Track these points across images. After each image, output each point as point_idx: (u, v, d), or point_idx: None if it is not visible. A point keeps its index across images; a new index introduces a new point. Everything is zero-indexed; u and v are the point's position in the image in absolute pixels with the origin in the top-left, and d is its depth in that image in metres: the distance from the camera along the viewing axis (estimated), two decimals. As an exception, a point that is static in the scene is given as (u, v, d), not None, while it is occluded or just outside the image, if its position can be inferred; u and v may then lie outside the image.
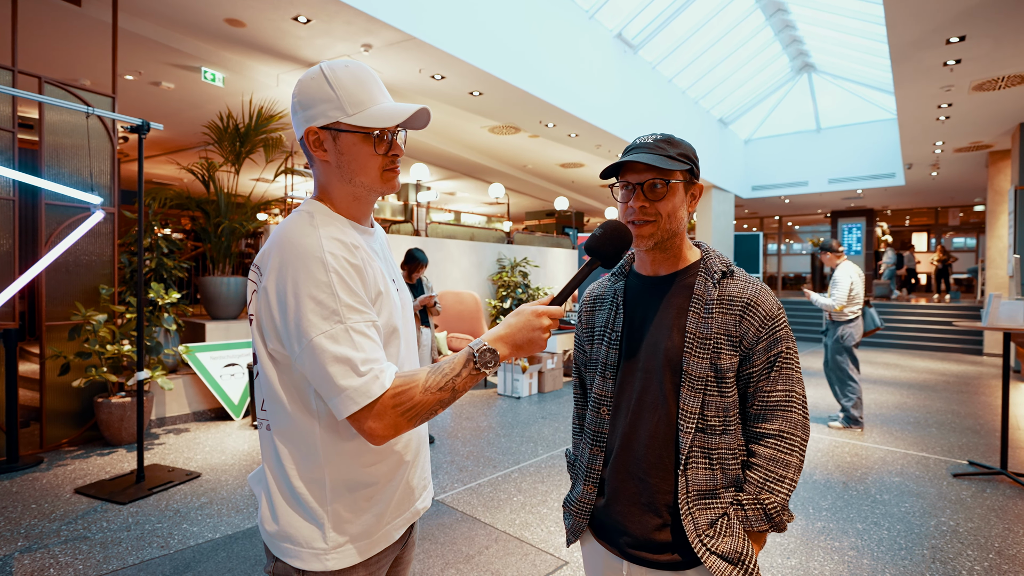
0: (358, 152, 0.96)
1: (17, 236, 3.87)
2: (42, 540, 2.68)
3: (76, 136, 4.16)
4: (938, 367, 8.58)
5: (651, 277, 1.13)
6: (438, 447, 4.25)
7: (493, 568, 2.51)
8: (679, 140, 1.07)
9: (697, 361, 1.02)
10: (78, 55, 5.86)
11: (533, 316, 0.94)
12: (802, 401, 1.03)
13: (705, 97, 11.96)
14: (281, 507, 0.95)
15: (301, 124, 0.97)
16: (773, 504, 0.99)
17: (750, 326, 1.02)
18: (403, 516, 1.05)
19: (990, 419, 5.28)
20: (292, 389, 0.94)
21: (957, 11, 5.08)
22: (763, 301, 1.03)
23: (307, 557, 0.94)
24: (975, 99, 7.36)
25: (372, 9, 4.99)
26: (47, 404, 4.03)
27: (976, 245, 17.79)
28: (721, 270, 1.07)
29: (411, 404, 0.87)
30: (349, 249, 0.92)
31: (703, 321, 1.03)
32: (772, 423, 1.02)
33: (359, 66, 0.97)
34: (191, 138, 8.56)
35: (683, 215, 1.06)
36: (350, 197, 1.00)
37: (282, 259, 0.89)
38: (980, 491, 3.48)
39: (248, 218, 5.72)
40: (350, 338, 0.86)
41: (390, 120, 0.95)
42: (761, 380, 1.02)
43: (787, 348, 1.03)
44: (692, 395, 1.01)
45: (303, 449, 0.94)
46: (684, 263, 1.10)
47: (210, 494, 3.27)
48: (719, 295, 1.04)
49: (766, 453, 1.01)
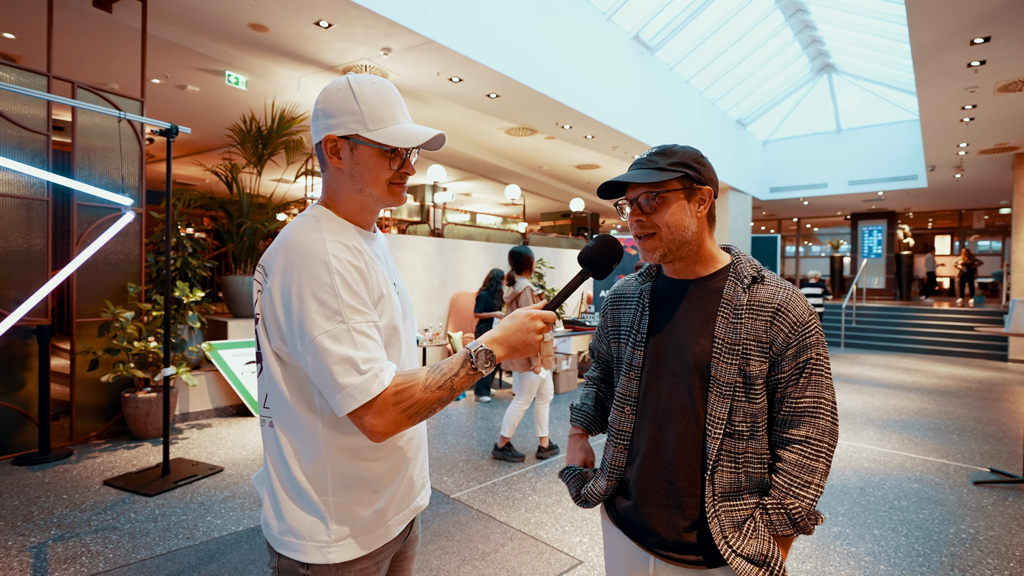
0: (372, 165, 0.99)
1: (51, 236, 4.01)
2: (74, 529, 2.78)
3: (107, 139, 4.29)
4: (961, 373, 8.42)
5: (679, 280, 1.13)
6: (453, 445, 4.30)
7: (508, 566, 2.54)
8: (677, 149, 1.06)
9: (726, 367, 1.01)
10: (108, 60, 6.03)
11: (527, 319, 0.98)
12: (831, 407, 1.02)
13: (723, 98, 11.87)
14: (284, 501, 0.97)
15: (321, 130, 1.00)
16: (797, 509, 0.99)
17: (780, 332, 1.01)
18: (404, 512, 1.07)
19: (1014, 426, 5.18)
20: (296, 386, 0.96)
21: (981, 12, 5.00)
22: (794, 307, 1.02)
23: (310, 550, 0.96)
24: (1000, 100, 7.22)
25: (391, 13, 5.06)
26: (77, 398, 4.16)
27: (1002, 249, 17.37)
28: (751, 275, 1.06)
29: (412, 402, 0.90)
30: (352, 252, 0.95)
31: (732, 327, 1.02)
32: (799, 429, 1.01)
33: (384, 83, 1.01)
34: (215, 140, 8.75)
35: (688, 222, 1.05)
36: (357, 205, 1.03)
37: (287, 260, 0.91)
38: (1002, 499, 3.43)
39: (269, 219, 5.84)
40: (351, 338, 0.88)
41: (409, 142, 0.98)
42: (789, 386, 1.01)
43: (817, 354, 1.01)
44: (720, 401, 1.01)
45: (305, 444, 0.97)
46: (712, 268, 1.10)
47: (233, 488, 3.36)
48: (749, 300, 1.03)
49: (792, 459, 1.01)
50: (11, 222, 3.83)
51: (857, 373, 8.24)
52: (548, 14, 7.04)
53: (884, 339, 11.46)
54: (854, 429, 5.02)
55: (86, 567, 2.43)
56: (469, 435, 4.61)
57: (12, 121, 3.80)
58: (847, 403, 6.04)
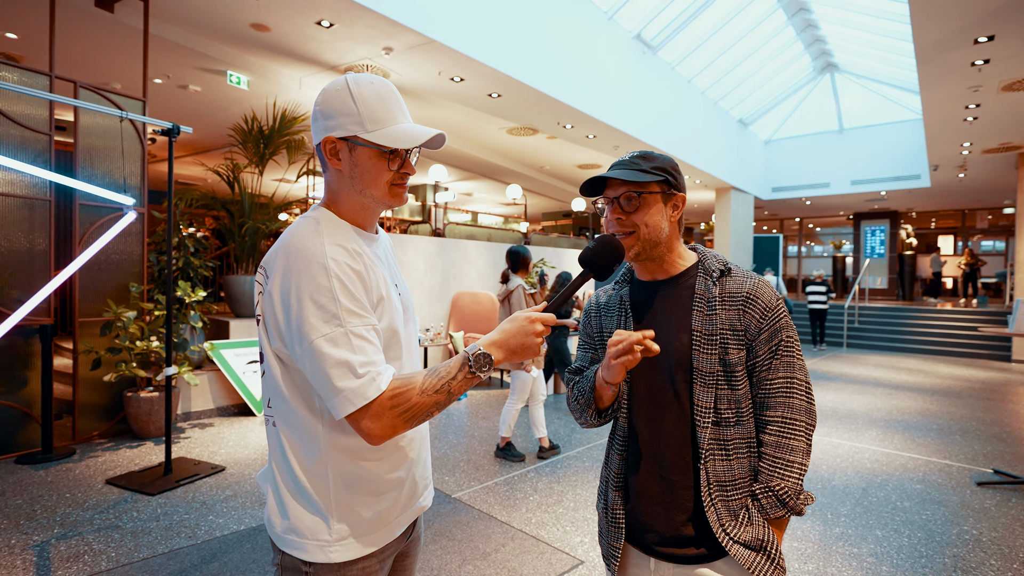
0: (371, 166, 0.99)
1: (53, 235, 4.02)
2: (76, 528, 2.79)
3: (109, 138, 4.30)
4: (964, 373, 8.40)
5: (652, 282, 1.17)
6: (454, 444, 4.30)
7: (510, 566, 2.54)
8: (656, 155, 1.12)
9: (706, 357, 1.06)
10: (110, 60, 6.05)
11: (527, 322, 0.97)
12: (805, 387, 1.06)
13: (725, 98, 11.85)
14: (287, 500, 0.98)
15: (320, 132, 1.00)
16: (784, 489, 1.02)
17: (752, 318, 1.06)
18: (406, 513, 1.07)
19: (1017, 427, 5.16)
20: (296, 387, 0.97)
21: (985, 10, 4.98)
22: (762, 294, 1.07)
23: (312, 549, 0.96)
24: (1004, 99, 7.19)
25: (393, 13, 5.06)
26: (79, 398, 4.17)
27: (1005, 248, 17.32)
28: (719, 269, 1.11)
29: (408, 405, 0.90)
30: (352, 255, 0.95)
31: (708, 319, 1.07)
32: (775, 410, 1.05)
33: (383, 83, 1.00)
34: (217, 140, 8.76)
35: (664, 225, 1.10)
36: (358, 206, 1.03)
37: (287, 263, 0.92)
38: (1005, 500, 3.42)
39: (271, 218, 5.85)
40: (349, 341, 0.89)
41: (407, 142, 0.98)
42: (764, 369, 1.06)
43: (787, 336, 1.07)
44: (705, 390, 1.05)
45: (307, 444, 0.97)
46: (681, 267, 1.15)
47: (234, 487, 3.37)
48: (720, 292, 1.09)
49: (771, 440, 1.05)
50: (14, 222, 3.84)
51: (860, 373, 8.22)
52: (550, 13, 7.03)
53: (887, 339, 11.43)
54: (856, 429, 5.01)
55: (88, 566, 2.44)
56: (470, 435, 4.62)
57: (15, 121, 3.81)
58: (850, 403, 6.02)
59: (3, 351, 3.82)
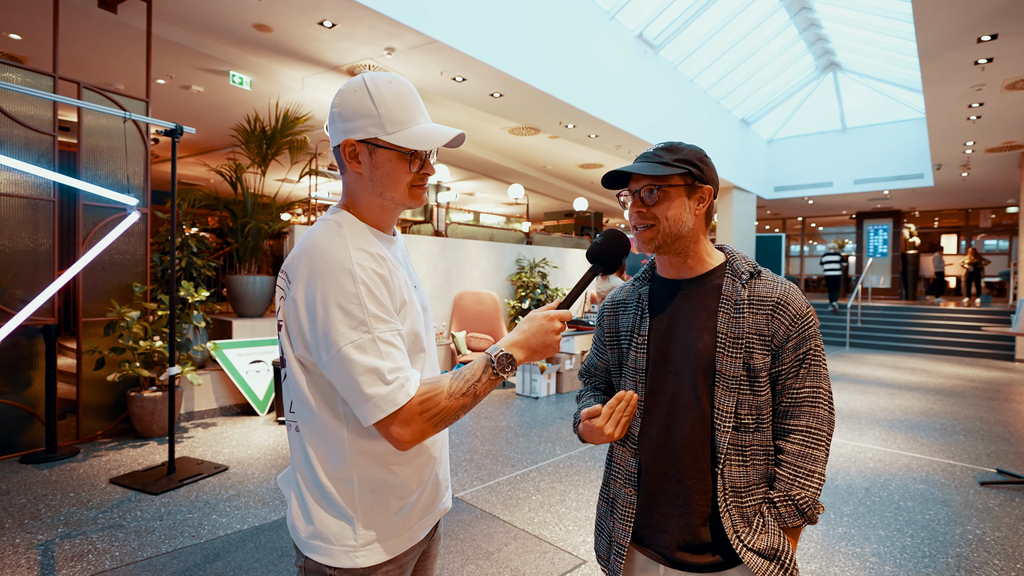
0: (392, 169, 0.97)
1: (57, 235, 4.03)
2: (80, 527, 2.80)
3: (112, 139, 4.31)
4: (967, 373, 8.37)
5: (675, 280, 1.14)
6: (457, 445, 4.30)
7: (512, 565, 2.55)
8: (683, 147, 1.08)
9: (731, 361, 1.03)
10: (113, 61, 6.06)
11: (545, 320, 0.97)
12: (828, 397, 1.05)
13: (727, 97, 11.84)
14: (312, 505, 0.97)
15: (339, 135, 0.98)
16: (804, 499, 1.01)
17: (781, 324, 1.03)
18: (429, 516, 1.07)
19: (1021, 427, 5.15)
20: (319, 393, 0.96)
21: (988, 9, 4.97)
22: (793, 300, 1.04)
23: (337, 554, 0.96)
24: (1008, 98, 7.17)
25: (395, 13, 5.07)
26: (83, 397, 4.18)
27: (1009, 248, 17.25)
28: (748, 271, 1.08)
29: (438, 410, 0.90)
30: (376, 260, 0.94)
31: (734, 321, 1.04)
32: (800, 419, 1.04)
33: (401, 82, 0.98)
34: (219, 140, 8.78)
35: (687, 218, 1.07)
36: (378, 208, 1.01)
37: (311, 269, 0.90)
38: (1009, 500, 3.41)
39: (273, 218, 5.86)
40: (377, 348, 0.88)
41: (429, 144, 0.96)
42: (790, 377, 1.04)
43: (815, 345, 1.04)
44: (727, 395, 1.03)
45: (331, 450, 0.96)
46: (707, 266, 1.11)
47: (237, 487, 3.38)
48: (748, 295, 1.06)
49: (794, 449, 1.03)
50: (18, 222, 3.85)
51: (862, 373, 8.21)
52: (551, 13, 7.03)
53: (890, 339, 11.40)
54: (859, 429, 5.00)
55: (92, 565, 2.45)
56: (472, 434, 4.62)
57: (18, 122, 3.82)
58: (852, 403, 6.01)
59: (7, 351, 3.84)
